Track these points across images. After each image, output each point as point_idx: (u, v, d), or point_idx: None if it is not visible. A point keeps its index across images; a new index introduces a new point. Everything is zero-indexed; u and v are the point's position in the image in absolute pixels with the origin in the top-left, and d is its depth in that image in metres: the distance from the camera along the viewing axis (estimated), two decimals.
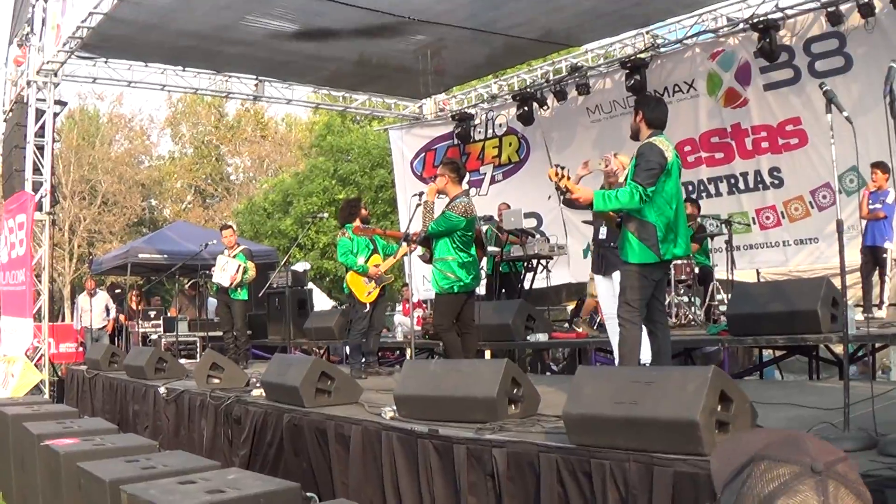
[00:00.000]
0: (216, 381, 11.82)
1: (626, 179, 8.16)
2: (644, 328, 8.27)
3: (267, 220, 41.07)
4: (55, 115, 18.25)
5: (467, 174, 12.48)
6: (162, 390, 12.46)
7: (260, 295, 18.52)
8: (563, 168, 8.27)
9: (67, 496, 7.86)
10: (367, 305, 13.00)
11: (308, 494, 7.07)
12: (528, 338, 13.32)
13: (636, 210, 7.91)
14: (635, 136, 8.37)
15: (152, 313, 21.26)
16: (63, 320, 33.95)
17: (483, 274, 14.00)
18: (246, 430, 9.97)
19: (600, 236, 10.54)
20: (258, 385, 10.81)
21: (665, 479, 5.22)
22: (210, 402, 10.93)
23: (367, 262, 13.02)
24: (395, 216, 28.37)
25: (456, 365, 8.12)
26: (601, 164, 9.86)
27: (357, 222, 13.30)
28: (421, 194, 10.88)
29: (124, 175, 52.34)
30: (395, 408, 7.97)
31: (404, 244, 11.34)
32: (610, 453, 5.57)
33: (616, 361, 8.94)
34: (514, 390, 7.35)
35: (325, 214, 23.98)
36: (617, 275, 9.10)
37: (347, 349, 16.61)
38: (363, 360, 13.11)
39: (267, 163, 58.68)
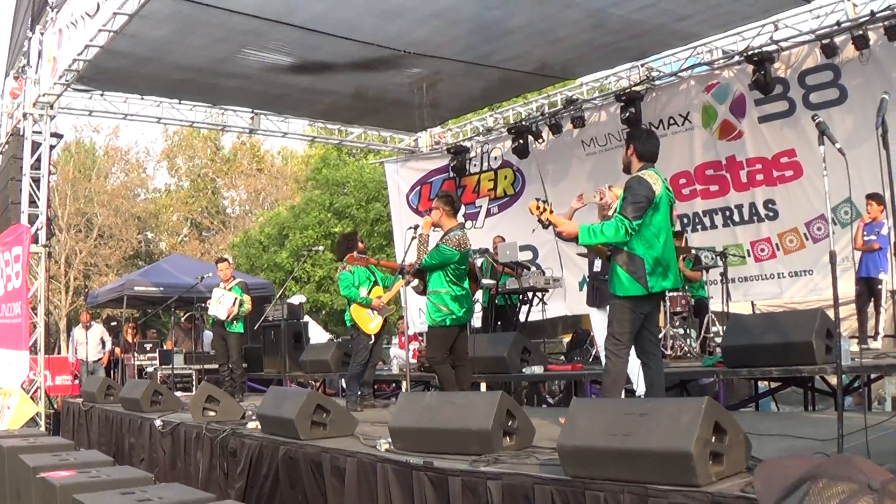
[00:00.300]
0: (212, 413, 11.80)
1: (614, 212, 8.19)
2: (638, 360, 8.30)
3: (263, 253, 41.12)
4: (51, 147, 18.18)
5: (462, 207, 12.51)
6: (158, 423, 12.45)
7: (255, 328, 18.51)
8: (544, 201, 8.28)
9: None
10: (372, 337, 13.01)
11: None
12: (524, 370, 13.31)
13: (624, 243, 7.91)
14: (627, 169, 8.35)
15: (148, 346, 21.25)
16: (59, 353, 33.91)
17: (479, 306, 14.02)
18: (242, 463, 9.98)
19: (595, 269, 10.55)
20: (254, 418, 10.81)
21: None
22: (206, 434, 10.94)
23: (369, 293, 13.03)
24: (390, 249, 28.42)
25: (451, 397, 8.14)
26: (596, 196, 9.90)
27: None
28: (416, 227, 10.93)
29: (120, 208, 52.41)
30: (390, 440, 7.98)
31: (401, 277, 11.35)
32: (604, 485, 5.60)
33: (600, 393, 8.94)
34: (509, 422, 7.37)
35: (321, 247, 23.98)
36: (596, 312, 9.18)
37: (343, 382, 16.62)
38: (360, 392, 13.10)
39: (263, 196, 58.75)
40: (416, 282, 11.17)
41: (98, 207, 50.81)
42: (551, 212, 8.18)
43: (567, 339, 19.00)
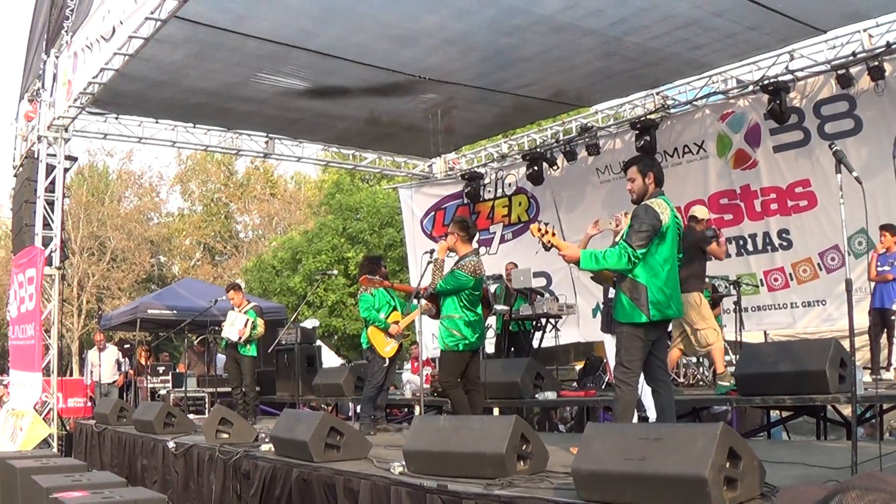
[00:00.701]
0: (225, 435, 11.82)
1: (620, 238, 8.23)
2: (648, 387, 8.32)
3: (276, 277, 41.09)
4: (65, 170, 18.21)
5: (477, 233, 12.51)
6: (171, 445, 12.46)
7: (269, 351, 18.52)
8: (546, 224, 8.30)
9: None
10: (386, 360, 13.04)
11: None
12: (537, 396, 13.30)
13: (628, 271, 7.93)
14: (640, 198, 8.30)
15: (161, 369, 21.26)
16: (71, 375, 33.88)
17: (492, 332, 14.03)
18: (255, 485, 9.97)
19: (610, 295, 10.49)
20: (267, 440, 10.83)
21: None
22: (219, 456, 10.92)
23: (387, 318, 13.07)
24: (404, 275, 28.43)
25: (465, 421, 8.11)
26: (611, 223, 9.92)
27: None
28: (432, 252, 10.96)
29: (133, 232, 52.39)
30: (404, 463, 7.98)
31: (419, 304, 11.35)
32: None
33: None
34: (524, 447, 7.36)
35: (335, 272, 23.88)
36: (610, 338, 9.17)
37: (358, 407, 16.63)
38: (373, 415, 13.11)
39: (276, 221, 58.79)
40: (428, 306, 11.20)
41: (111, 231, 50.83)
42: (553, 234, 8.20)
43: (579, 366, 18.92)
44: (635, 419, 8.77)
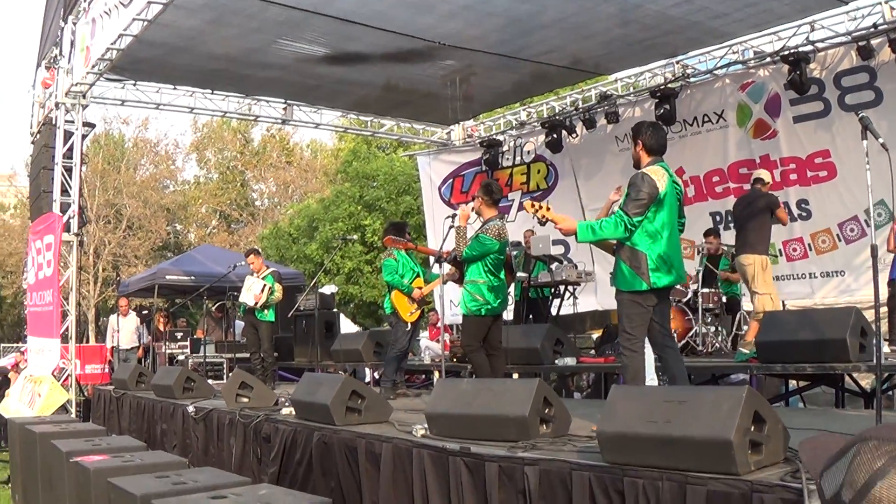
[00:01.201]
0: (245, 399, 11.85)
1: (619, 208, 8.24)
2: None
3: (292, 244, 41.08)
4: (83, 136, 18.25)
5: (502, 197, 12.52)
6: (190, 409, 12.52)
7: (288, 316, 18.56)
8: (535, 199, 8.35)
9: None
10: (409, 325, 13.09)
11: None
12: (557, 362, 13.35)
13: (625, 239, 7.97)
14: (636, 164, 8.42)
15: (179, 335, 21.29)
16: (88, 342, 33.96)
17: (511, 299, 14.04)
18: (275, 449, 10.01)
19: None
20: (287, 404, 10.86)
21: (698, 498, 5.25)
22: (239, 420, 10.96)
23: (410, 283, 13.11)
24: (421, 242, 28.46)
25: (488, 384, 8.13)
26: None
27: (400, 247, 13.41)
28: (453, 216, 10.97)
29: (149, 199, 52.35)
30: (426, 426, 8.01)
31: (443, 271, 11.38)
32: (643, 472, 5.60)
33: None
34: (546, 410, 7.37)
35: (355, 237, 23.76)
36: None
37: (376, 373, 16.67)
38: (394, 379, 13.15)
39: (292, 189, 58.70)
40: (455, 274, 11.25)
41: (127, 199, 50.77)
42: (548, 209, 8.23)
43: (596, 334, 18.94)
44: None
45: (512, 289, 14.94)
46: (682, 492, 5.34)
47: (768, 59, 16.69)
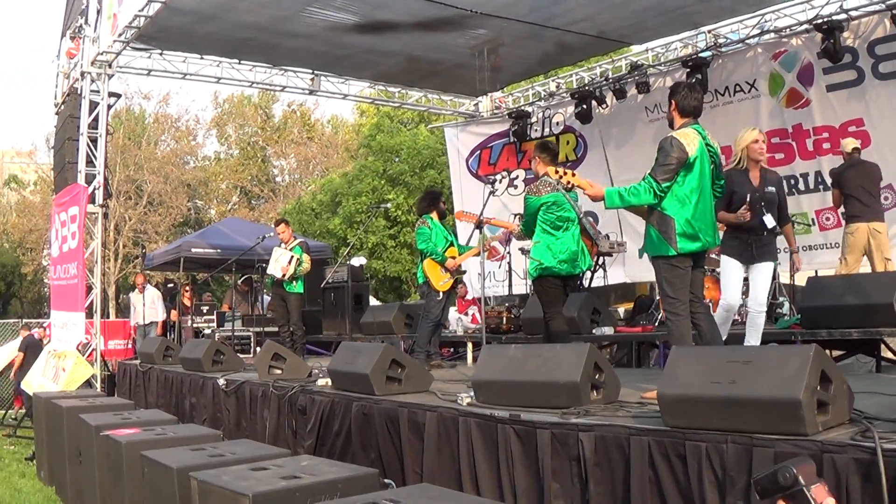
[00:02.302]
0: (278, 371, 11.77)
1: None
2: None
3: (315, 219, 41.04)
4: (109, 106, 18.18)
5: (522, 172, 12.17)
6: (221, 382, 12.44)
7: (322, 286, 18.50)
8: (563, 166, 8.32)
9: (129, 486, 7.86)
10: (441, 294, 12.99)
11: (385, 480, 7.00)
12: (594, 331, 13.26)
13: (655, 204, 7.93)
14: (671, 124, 8.41)
15: (205, 308, 21.25)
16: (108, 319, 33.98)
17: None
18: (312, 420, 9.92)
19: (768, 224, 10.03)
20: (321, 375, 10.78)
21: (765, 460, 5.13)
22: (273, 392, 10.88)
23: (443, 253, 13.02)
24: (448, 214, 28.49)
25: (537, 350, 7.97)
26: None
27: (434, 214, 13.40)
28: (493, 182, 10.89)
29: (170, 175, 52.34)
30: (471, 394, 7.91)
31: (481, 237, 11.31)
32: (706, 435, 5.49)
33: None
34: (597, 376, 7.29)
35: (389, 204, 23.48)
36: (759, 267, 9.21)
37: (402, 345, 16.59)
38: (428, 350, 13.04)
39: (313, 164, 58.69)
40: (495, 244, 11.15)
41: (148, 174, 50.81)
42: (573, 174, 8.16)
43: (622, 308, 18.80)
44: None
45: None
46: (748, 454, 5.23)
47: (801, 28, 16.46)
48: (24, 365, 19.41)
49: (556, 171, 8.23)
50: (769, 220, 9.62)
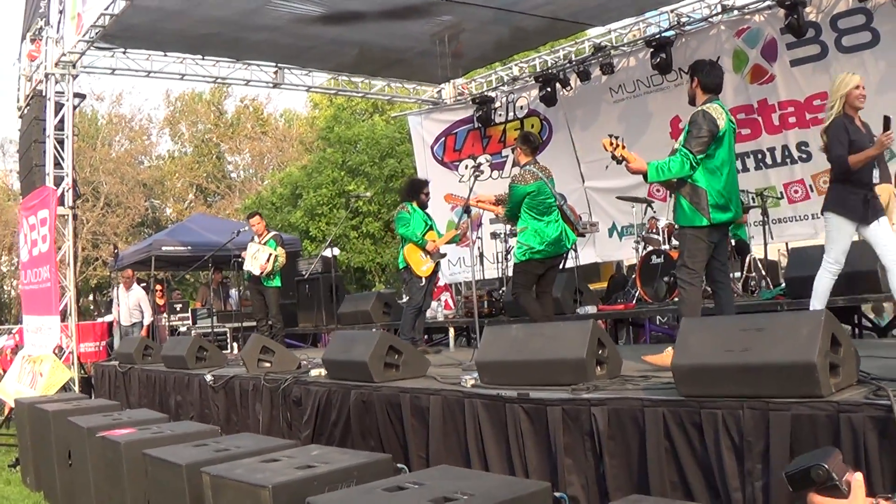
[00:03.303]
0: (267, 364, 11.78)
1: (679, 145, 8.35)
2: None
3: (276, 213, 40.85)
4: (74, 107, 18.10)
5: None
6: (208, 378, 12.40)
7: (295, 279, 18.54)
8: (616, 137, 8.40)
9: (129, 487, 7.83)
10: (423, 280, 13.08)
11: (399, 465, 7.08)
12: (578, 310, 13.39)
13: (689, 176, 8.17)
14: (692, 101, 8.64)
15: (178, 306, 21.20)
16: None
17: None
18: (308, 411, 9.94)
19: (875, 179, 9.79)
20: (309, 366, 10.86)
21: (782, 423, 5.27)
22: (265, 385, 10.87)
23: (423, 237, 13.12)
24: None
25: (539, 328, 8.08)
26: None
27: (415, 203, 13.54)
28: (478, 166, 11.06)
29: (126, 175, 52.11)
30: (474, 376, 7.99)
31: (468, 216, 11.47)
32: (722, 402, 5.61)
33: None
34: (600, 351, 7.41)
35: (369, 193, 23.31)
36: (882, 222, 8.89)
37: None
38: (413, 336, 13.12)
39: (268, 159, 58.48)
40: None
41: (104, 176, 50.56)
42: (623, 147, 8.30)
43: (593, 287, 18.91)
44: None
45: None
46: (765, 418, 5.36)
47: (764, 5, 16.62)
48: None
49: (611, 143, 8.43)
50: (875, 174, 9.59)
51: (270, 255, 15.93)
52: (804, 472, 2.78)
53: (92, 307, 47.55)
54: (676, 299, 8.39)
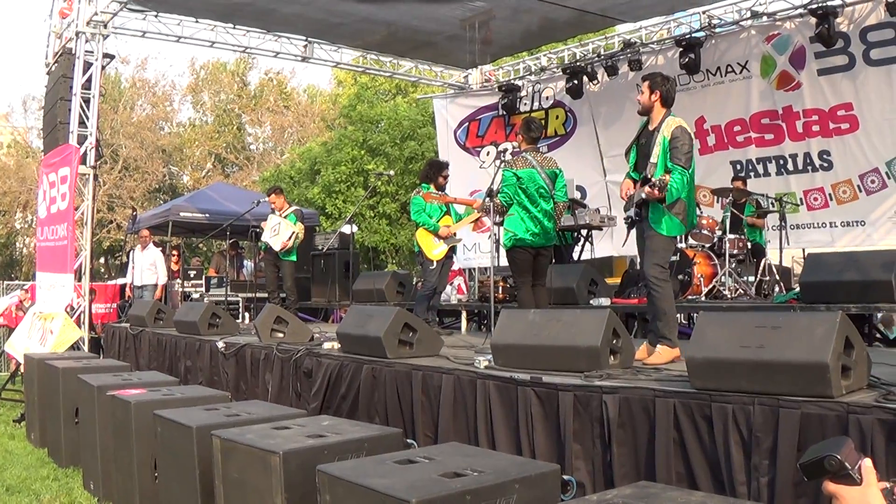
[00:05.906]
0: (280, 335, 11.90)
1: (657, 159, 8.53)
2: None
3: (294, 188, 40.80)
4: (103, 67, 18.13)
5: (539, 135, 12.22)
6: (220, 344, 12.48)
7: (311, 254, 18.57)
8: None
9: (137, 447, 7.88)
10: (435, 263, 13.15)
11: (408, 441, 7.15)
12: (591, 302, 13.42)
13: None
14: (645, 112, 8.93)
15: (192, 273, 21.24)
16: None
17: None
18: (318, 383, 9.99)
19: None
20: (322, 339, 10.92)
21: (791, 421, 5.35)
22: (277, 355, 10.95)
23: (437, 222, 13.17)
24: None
25: (557, 314, 8.13)
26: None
27: (432, 187, 13.58)
28: (504, 152, 11.09)
29: (146, 140, 51.98)
30: (488, 357, 8.06)
31: (476, 211, 11.50)
32: (733, 397, 5.69)
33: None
34: (615, 341, 7.48)
35: (391, 172, 23.39)
36: None
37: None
38: (426, 317, 13.15)
39: (288, 133, 58.37)
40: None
41: (123, 139, 50.45)
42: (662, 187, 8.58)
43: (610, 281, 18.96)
44: None
45: None
46: (775, 415, 5.43)
47: (796, 13, 16.63)
48: None
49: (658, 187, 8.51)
50: None
51: (293, 233, 15.97)
52: (817, 463, 2.83)
53: (103, 270, 47.39)
54: (653, 297, 8.44)
